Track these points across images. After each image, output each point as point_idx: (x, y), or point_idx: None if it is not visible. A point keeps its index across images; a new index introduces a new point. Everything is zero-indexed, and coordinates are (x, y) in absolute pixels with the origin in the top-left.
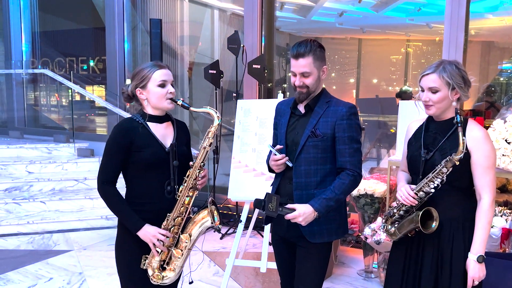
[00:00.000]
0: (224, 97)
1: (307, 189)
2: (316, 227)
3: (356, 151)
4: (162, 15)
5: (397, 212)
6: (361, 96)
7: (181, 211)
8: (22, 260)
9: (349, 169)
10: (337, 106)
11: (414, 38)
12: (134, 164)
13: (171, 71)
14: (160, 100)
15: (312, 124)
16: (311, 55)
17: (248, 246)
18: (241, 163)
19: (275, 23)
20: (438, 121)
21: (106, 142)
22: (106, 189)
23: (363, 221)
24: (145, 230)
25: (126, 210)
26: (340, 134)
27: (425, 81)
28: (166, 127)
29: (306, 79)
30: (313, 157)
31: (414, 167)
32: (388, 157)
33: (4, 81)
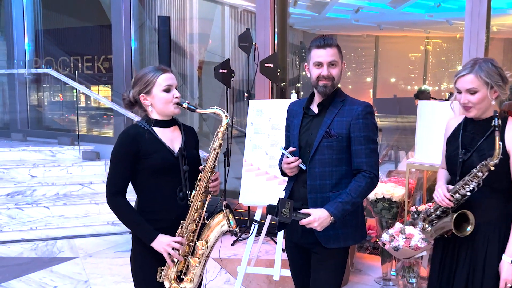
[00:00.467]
0: (235, 97)
1: (321, 192)
2: (331, 231)
3: (373, 152)
4: (171, 12)
5: (434, 212)
6: (378, 95)
7: (195, 217)
8: (25, 268)
9: (365, 170)
10: (352, 105)
11: (434, 35)
12: (143, 171)
13: (180, 70)
14: (166, 105)
15: (326, 124)
16: (336, 46)
17: (261, 253)
18: (253, 166)
19: (288, 20)
20: (476, 120)
21: (112, 152)
22: (116, 200)
23: (381, 226)
24: (158, 240)
25: (138, 221)
26: (356, 134)
27: (462, 83)
28: (173, 131)
29: (334, 69)
30: (328, 159)
31: (452, 167)
32: (406, 160)
33: (7, 81)
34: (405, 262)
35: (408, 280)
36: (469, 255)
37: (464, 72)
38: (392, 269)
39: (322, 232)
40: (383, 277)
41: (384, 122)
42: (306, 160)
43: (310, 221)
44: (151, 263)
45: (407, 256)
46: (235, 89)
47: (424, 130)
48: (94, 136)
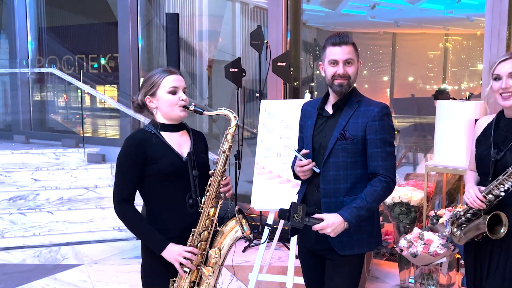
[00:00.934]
0: (246, 97)
1: (335, 197)
2: (345, 238)
3: (389, 155)
4: (179, 9)
5: (464, 215)
6: (396, 95)
7: (207, 224)
8: (28, 276)
9: (381, 174)
10: (368, 106)
11: (453, 32)
12: (151, 177)
13: (189, 69)
14: (171, 108)
15: (341, 125)
16: (352, 44)
17: (273, 260)
18: (265, 169)
19: (301, 16)
20: (510, 118)
21: (118, 157)
22: (124, 208)
23: (398, 232)
24: (169, 249)
25: (147, 230)
26: (372, 136)
27: (503, 67)
28: (181, 135)
29: (350, 67)
30: (343, 162)
31: (483, 168)
32: (425, 162)
33: (9, 81)
34: (424, 269)
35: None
36: (502, 259)
37: (507, 57)
38: (410, 276)
39: (336, 239)
40: (400, 285)
41: (401, 123)
42: (320, 163)
43: (323, 227)
44: (163, 275)
45: (426, 263)
46: (246, 89)
47: (443, 131)
48: (99, 138)
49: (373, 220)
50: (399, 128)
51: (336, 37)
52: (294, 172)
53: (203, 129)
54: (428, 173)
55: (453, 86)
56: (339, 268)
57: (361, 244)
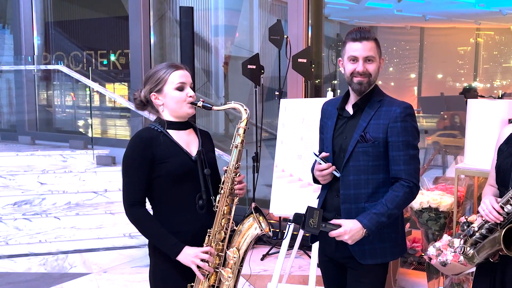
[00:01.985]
0: (265, 96)
1: (356, 203)
2: (367, 246)
3: (412, 158)
4: (194, 2)
5: (479, 231)
6: (424, 93)
7: (223, 224)
8: (34, 285)
9: (404, 179)
10: (390, 106)
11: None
12: (159, 179)
13: (204, 66)
14: (179, 105)
15: (361, 127)
16: (374, 40)
17: (294, 268)
18: (285, 172)
19: (323, 10)
20: None
21: (124, 158)
22: (135, 212)
23: (427, 239)
24: (185, 253)
25: (162, 233)
26: (394, 138)
27: None
28: (188, 134)
29: (370, 65)
30: (364, 165)
31: (503, 177)
32: (455, 165)
33: (13, 78)
34: (454, 278)
35: None
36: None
37: None
38: (439, 286)
39: (357, 247)
40: None
41: (430, 123)
42: (340, 167)
43: (340, 233)
44: (175, 281)
45: (456, 272)
46: (265, 87)
47: (474, 132)
48: (109, 139)
49: (397, 227)
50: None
51: (357, 32)
52: (314, 176)
53: (218, 129)
54: (459, 176)
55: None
56: (361, 278)
57: (384, 253)
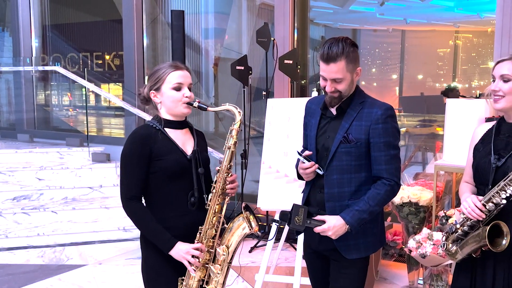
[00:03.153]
0: (252, 95)
1: (340, 200)
2: (352, 241)
3: (393, 158)
4: (185, 6)
5: (461, 228)
6: (405, 93)
7: (214, 222)
8: (32, 276)
9: (385, 178)
10: (371, 108)
11: (464, 29)
12: (154, 175)
13: (195, 67)
14: (175, 104)
15: (344, 128)
16: (344, 58)
17: (280, 260)
18: (271, 168)
19: (309, 13)
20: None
21: (122, 154)
22: (132, 206)
23: (407, 232)
24: (177, 248)
25: (157, 228)
26: (376, 139)
27: (498, 69)
28: (185, 133)
29: (339, 84)
30: (346, 165)
31: (482, 176)
32: (434, 161)
33: (12, 79)
34: (433, 270)
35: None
36: (506, 279)
37: (504, 58)
38: (419, 277)
39: (343, 242)
40: (409, 286)
41: (410, 122)
42: (323, 164)
43: (324, 229)
44: (167, 274)
45: (435, 264)
46: (253, 87)
47: (453, 130)
48: (104, 137)
49: (377, 223)
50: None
51: (326, 49)
52: (298, 173)
53: (209, 128)
54: (438, 172)
55: (463, 84)
56: (343, 270)
57: (367, 247)
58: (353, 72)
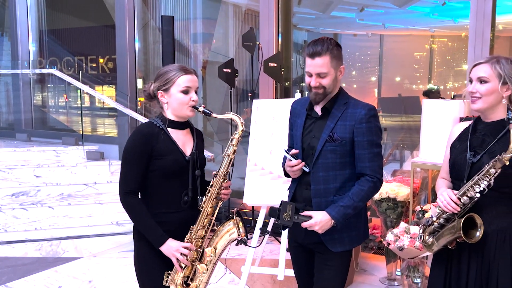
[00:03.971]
0: (239, 96)
1: (326, 196)
2: (336, 235)
3: (376, 156)
4: (174, 12)
5: (437, 220)
6: (383, 95)
7: (205, 223)
8: (30, 268)
9: (369, 174)
10: (355, 108)
11: (439, 34)
12: (154, 172)
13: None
14: (181, 107)
15: (329, 127)
16: (328, 54)
17: (265, 253)
18: (257, 165)
19: (292, 19)
20: (487, 121)
21: (125, 149)
22: (130, 200)
23: (386, 226)
24: (168, 244)
25: (151, 223)
26: (359, 138)
27: (475, 71)
28: (185, 134)
29: (323, 79)
30: (331, 163)
31: (458, 172)
32: (411, 159)
33: (11, 81)
34: (410, 261)
35: (413, 280)
36: (479, 270)
37: (481, 61)
38: (397, 269)
39: (328, 236)
40: (388, 277)
41: (388, 122)
42: (309, 163)
43: (311, 224)
44: (157, 266)
45: (412, 256)
46: (239, 89)
47: (429, 129)
48: (98, 136)
49: (361, 217)
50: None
51: (311, 47)
52: (285, 171)
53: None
54: (414, 169)
55: (438, 86)
56: (328, 262)
57: (351, 240)
58: (337, 68)
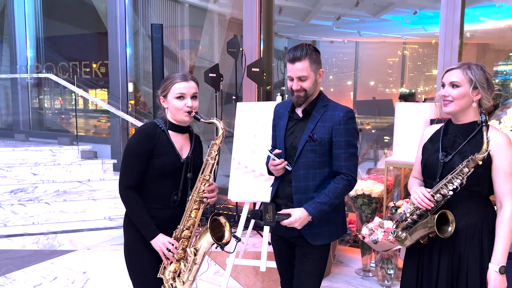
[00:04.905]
0: (224, 99)
1: (306, 193)
2: (316, 229)
3: (352, 156)
4: (163, 20)
5: (410, 216)
6: (359, 98)
7: (189, 224)
8: (28, 260)
9: (344, 173)
10: (334, 111)
11: (411, 41)
12: (150, 169)
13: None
14: (177, 112)
15: (309, 128)
16: (308, 58)
17: (248, 246)
18: (240, 164)
19: (273, 27)
20: (458, 124)
21: (128, 146)
22: (128, 194)
23: (361, 221)
24: (158, 239)
25: (145, 217)
26: (337, 138)
27: (448, 76)
28: (184, 138)
29: (304, 82)
30: (312, 161)
31: (430, 171)
32: (385, 158)
33: (10, 85)
34: (384, 254)
35: (386, 271)
36: (450, 263)
37: (453, 67)
38: (371, 261)
39: (308, 230)
40: (363, 269)
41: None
42: (291, 162)
43: (291, 222)
44: (146, 257)
45: (385, 249)
46: (224, 92)
47: (401, 130)
48: (91, 137)
49: (339, 212)
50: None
51: (290, 52)
52: (268, 169)
53: None
54: (388, 168)
55: (410, 89)
56: (308, 254)
57: (331, 234)
58: (316, 72)
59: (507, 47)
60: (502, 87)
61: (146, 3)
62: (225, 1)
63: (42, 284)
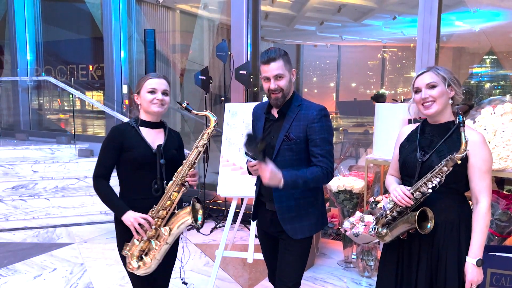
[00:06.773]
0: (213, 101)
1: (285, 190)
2: (297, 224)
3: (328, 152)
4: (156, 25)
5: (390, 213)
6: (341, 99)
7: (167, 205)
8: (28, 252)
9: (321, 166)
10: (308, 110)
11: (390, 45)
12: (124, 163)
13: (165, 78)
14: (148, 105)
15: (285, 128)
16: (281, 58)
17: (236, 239)
18: (229, 161)
19: (260, 32)
20: (434, 124)
21: (102, 142)
22: (98, 182)
23: (343, 215)
24: (128, 214)
25: (114, 198)
26: (312, 136)
27: (421, 79)
28: (157, 133)
29: (280, 81)
30: (289, 160)
31: (409, 169)
32: (365, 156)
33: (11, 87)
34: (365, 246)
35: (367, 263)
36: (429, 257)
37: (423, 71)
38: (353, 253)
39: (290, 226)
40: (345, 260)
41: (345, 122)
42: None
43: (265, 168)
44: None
45: (366, 241)
46: (213, 94)
47: (381, 129)
48: (88, 136)
49: (319, 207)
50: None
51: (265, 54)
52: (248, 169)
53: (176, 127)
54: (368, 165)
55: (390, 90)
56: (290, 247)
57: (311, 228)
58: (290, 71)
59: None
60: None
61: (140, 9)
62: (214, 7)
63: (42, 275)
